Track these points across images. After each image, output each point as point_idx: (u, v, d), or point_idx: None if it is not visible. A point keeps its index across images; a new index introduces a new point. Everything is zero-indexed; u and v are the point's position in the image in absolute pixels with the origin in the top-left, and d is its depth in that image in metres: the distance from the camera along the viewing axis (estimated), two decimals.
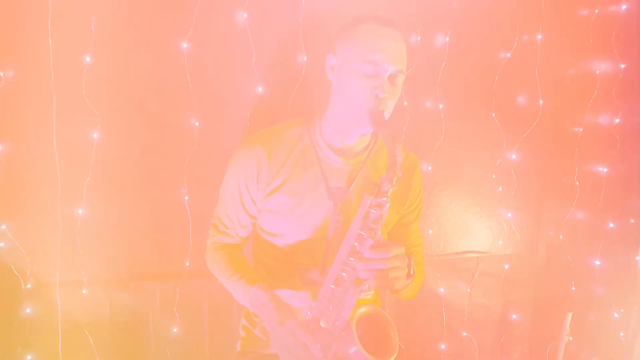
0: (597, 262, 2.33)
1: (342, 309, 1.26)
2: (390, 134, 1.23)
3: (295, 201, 1.39)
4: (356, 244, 1.24)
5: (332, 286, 1.26)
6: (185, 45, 1.69)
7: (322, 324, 1.25)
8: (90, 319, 1.78)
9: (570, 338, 2.14)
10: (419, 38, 1.92)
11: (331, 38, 1.39)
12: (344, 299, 1.25)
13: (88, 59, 1.62)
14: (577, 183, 2.23)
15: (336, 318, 1.25)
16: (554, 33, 2.12)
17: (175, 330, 1.86)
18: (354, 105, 1.29)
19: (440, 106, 2.02)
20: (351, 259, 1.24)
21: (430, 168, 2.07)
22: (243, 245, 1.54)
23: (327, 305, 1.26)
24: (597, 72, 2.18)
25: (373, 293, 1.55)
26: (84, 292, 1.76)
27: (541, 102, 2.14)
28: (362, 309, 1.26)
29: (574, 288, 2.31)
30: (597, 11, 2.14)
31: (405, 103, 1.96)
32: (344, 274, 1.25)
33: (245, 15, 1.72)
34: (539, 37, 2.08)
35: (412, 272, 1.34)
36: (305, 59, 1.78)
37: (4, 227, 1.65)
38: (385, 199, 1.23)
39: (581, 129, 2.22)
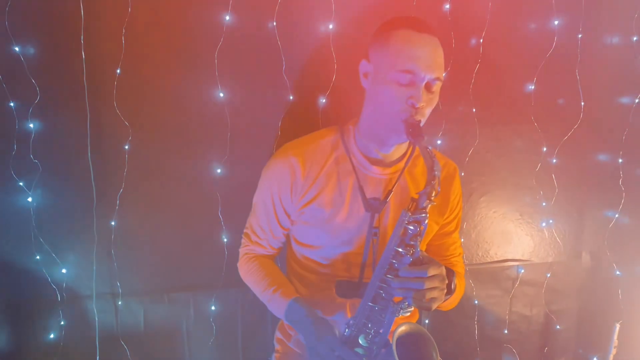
0: None
1: (380, 327, 1.22)
2: (427, 146, 1.17)
3: (330, 213, 1.35)
4: (394, 261, 1.19)
5: (370, 304, 1.22)
6: (216, 55, 1.68)
7: (360, 341, 1.21)
8: (126, 331, 1.79)
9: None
10: (453, 41, 1.86)
11: (362, 44, 1.35)
12: (383, 317, 1.21)
13: (119, 70, 1.63)
14: (623, 188, 2.13)
15: (375, 335, 1.21)
16: (594, 31, 2.03)
17: (209, 342, 1.84)
18: (389, 115, 1.24)
19: (474, 110, 1.96)
20: (389, 276, 1.19)
21: (463, 174, 2.00)
22: (276, 255, 1.52)
23: (365, 323, 1.23)
24: None
25: (413, 309, 1.50)
26: (119, 303, 1.76)
27: (582, 103, 2.05)
28: (403, 327, 1.21)
29: (620, 297, 2.20)
30: None
31: (441, 107, 1.91)
32: (382, 292, 1.21)
33: (274, 23, 1.70)
34: (579, 35, 2.00)
35: (453, 287, 1.30)
36: (335, 66, 1.75)
37: (41, 239, 1.67)
38: (424, 215, 1.17)
39: (626, 130, 2.12)
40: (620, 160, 2.14)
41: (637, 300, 2.21)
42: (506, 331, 2.18)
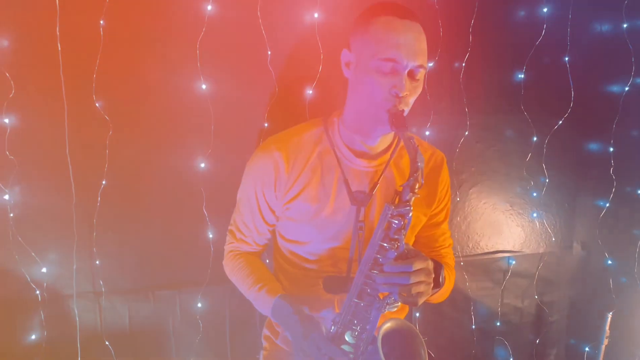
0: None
1: (367, 323, 1.19)
2: (410, 137, 1.13)
3: (316, 207, 1.31)
4: (378, 256, 1.16)
5: (355, 300, 1.19)
6: (198, 46, 1.63)
7: (347, 338, 1.18)
8: (110, 330, 1.74)
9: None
10: (440, 30, 1.83)
11: (349, 33, 1.31)
12: (368, 313, 1.18)
13: (97, 63, 1.58)
14: (614, 177, 2.11)
15: (361, 332, 1.18)
16: (584, 19, 2.01)
17: (196, 339, 1.81)
18: (372, 105, 1.20)
19: (464, 100, 1.93)
20: (374, 272, 1.16)
21: (454, 165, 1.98)
22: (262, 252, 1.48)
23: (351, 319, 1.20)
24: (633, 59, 2.06)
25: (400, 304, 1.47)
26: (102, 302, 1.72)
27: (572, 92, 2.03)
28: (389, 323, 1.18)
29: (612, 286, 2.18)
30: None
31: (429, 98, 1.87)
32: (367, 288, 1.18)
33: (258, 12, 1.65)
34: (569, 21, 1.97)
35: (441, 280, 1.27)
36: (322, 56, 1.71)
37: (19, 238, 1.62)
38: (407, 208, 1.13)
39: (616, 119, 2.10)
40: (611, 149, 2.12)
41: (629, 290, 2.20)
42: (498, 323, 2.16)
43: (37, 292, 1.65)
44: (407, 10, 1.20)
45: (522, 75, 1.98)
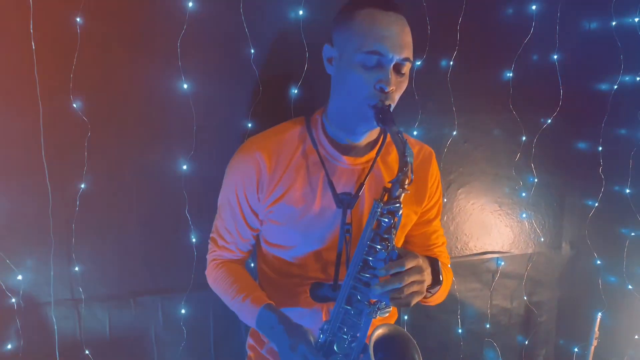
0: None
1: (357, 330, 1.15)
2: (397, 130, 1.09)
3: (301, 210, 1.27)
4: (369, 258, 1.12)
5: (345, 306, 1.15)
6: (179, 44, 1.58)
7: (336, 348, 1.14)
8: (90, 338, 1.69)
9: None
10: (428, 27, 1.79)
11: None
12: (359, 320, 1.14)
13: (74, 62, 1.51)
14: (602, 176, 2.09)
15: (352, 340, 1.14)
16: (572, 16, 1.99)
17: (179, 347, 1.76)
18: (357, 101, 1.16)
19: (451, 99, 1.89)
20: (365, 275, 1.12)
21: (441, 165, 1.95)
22: (246, 260, 1.43)
23: (340, 327, 1.15)
24: (621, 56, 2.04)
25: (391, 309, 1.43)
26: (82, 309, 1.66)
27: (561, 89, 2.00)
28: (380, 329, 1.14)
29: (601, 286, 2.17)
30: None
31: (417, 97, 1.84)
32: (357, 293, 1.14)
33: (241, 9, 1.60)
34: (558, 19, 1.95)
35: (441, 279, 1.22)
36: (307, 54, 1.66)
37: None
38: (397, 205, 1.10)
39: (605, 117, 2.08)
40: (599, 149, 2.10)
41: (617, 289, 2.19)
42: (488, 325, 2.13)
43: (13, 300, 1.59)
44: (390, 2, 1.17)
45: (511, 74, 1.95)
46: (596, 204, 2.14)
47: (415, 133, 1.88)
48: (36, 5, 1.46)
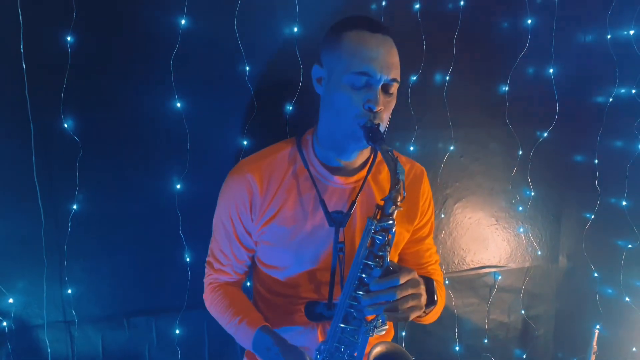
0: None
1: (354, 349, 1.14)
2: (388, 149, 1.10)
3: (293, 230, 1.27)
4: (363, 275, 1.11)
5: (341, 325, 1.14)
6: (172, 61, 1.56)
7: None
8: None
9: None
10: (424, 42, 1.78)
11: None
12: (356, 338, 1.14)
13: (65, 80, 1.49)
14: (599, 189, 2.09)
15: None
16: (568, 30, 1.99)
17: None
18: (346, 121, 1.17)
19: (448, 114, 1.88)
20: (360, 293, 1.11)
21: (439, 180, 1.94)
22: (242, 282, 1.43)
23: (337, 347, 1.15)
24: (617, 69, 2.04)
25: (387, 327, 1.42)
26: (75, 331, 1.63)
27: (557, 104, 2.00)
28: (378, 347, 1.14)
29: (598, 299, 2.16)
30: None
31: (413, 113, 1.83)
32: (353, 311, 1.13)
33: (235, 26, 1.59)
34: (553, 33, 1.94)
35: (435, 298, 1.21)
36: (302, 71, 1.65)
37: None
38: (390, 222, 1.09)
39: (600, 130, 2.07)
40: (595, 161, 2.10)
41: (615, 302, 2.18)
42: (486, 340, 2.12)
43: (4, 323, 1.57)
44: (378, 23, 1.19)
45: (507, 88, 1.94)
46: (592, 217, 2.13)
47: (411, 149, 1.87)
48: (27, 24, 1.44)
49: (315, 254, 1.29)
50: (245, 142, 1.67)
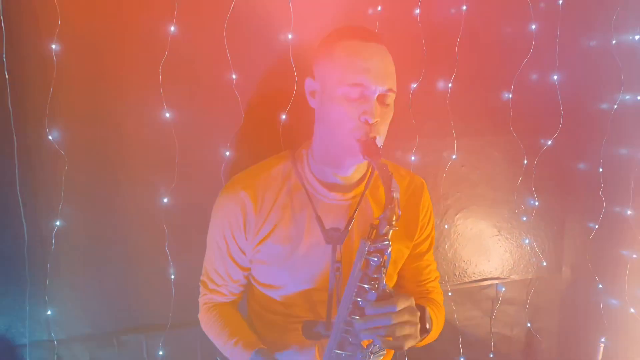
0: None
1: None
2: (384, 164, 1.05)
3: (288, 249, 1.23)
4: (358, 299, 1.06)
5: (336, 351, 1.09)
6: (160, 70, 1.50)
7: None
8: None
9: None
10: (424, 48, 1.72)
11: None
12: None
13: (50, 91, 1.43)
14: (603, 198, 2.03)
15: None
16: (572, 35, 1.93)
17: None
18: (342, 135, 1.13)
19: (451, 122, 1.83)
20: (355, 317, 1.06)
21: (440, 190, 1.88)
22: (238, 302, 1.38)
23: None
24: (622, 75, 1.98)
25: (385, 353, 1.36)
26: (60, 351, 1.57)
27: (562, 111, 1.94)
28: None
29: (602, 311, 2.11)
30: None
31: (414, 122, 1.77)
32: (348, 336, 1.08)
33: (224, 33, 1.52)
34: (557, 38, 1.89)
35: (428, 327, 1.18)
36: (296, 79, 1.58)
37: None
38: (386, 242, 1.04)
39: (605, 138, 2.02)
40: (600, 169, 2.04)
41: (619, 313, 2.13)
42: (492, 355, 2.07)
43: None
44: (371, 32, 1.16)
45: (510, 95, 1.89)
46: (596, 226, 2.08)
47: (413, 158, 1.81)
48: (9, 30, 1.38)
49: (312, 273, 1.24)
50: (233, 154, 1.61)
